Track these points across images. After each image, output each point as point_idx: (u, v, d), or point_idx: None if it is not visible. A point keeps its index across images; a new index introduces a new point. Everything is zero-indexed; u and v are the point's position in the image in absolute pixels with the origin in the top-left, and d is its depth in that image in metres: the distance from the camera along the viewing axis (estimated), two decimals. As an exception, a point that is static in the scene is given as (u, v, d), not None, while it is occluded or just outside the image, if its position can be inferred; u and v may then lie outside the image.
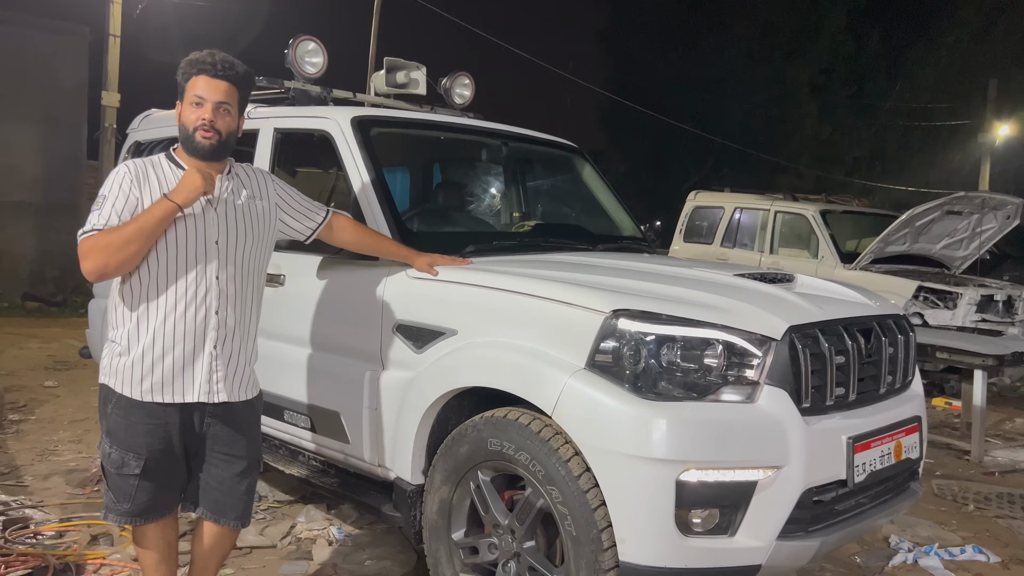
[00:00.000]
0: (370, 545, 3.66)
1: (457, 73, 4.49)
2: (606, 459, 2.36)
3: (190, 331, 2.42)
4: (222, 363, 2.48)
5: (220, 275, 2.46)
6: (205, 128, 2.42)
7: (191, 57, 2.46)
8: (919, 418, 2.97)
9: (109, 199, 2.36)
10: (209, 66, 2.43)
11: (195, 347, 2.44)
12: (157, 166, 2.48)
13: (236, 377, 2.52)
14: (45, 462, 4.72)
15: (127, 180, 2.39)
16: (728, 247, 10.41)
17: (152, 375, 2.41)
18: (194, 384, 2.44)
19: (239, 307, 2.52)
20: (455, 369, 2.78)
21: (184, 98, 2.47)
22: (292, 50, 3.85)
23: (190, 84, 2.44)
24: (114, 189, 2.38)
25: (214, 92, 2.43)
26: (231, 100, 2.46)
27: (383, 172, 3.33)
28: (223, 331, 2.47)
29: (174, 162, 2.50)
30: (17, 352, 8.17)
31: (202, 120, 2.42)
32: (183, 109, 2.47)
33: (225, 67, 2.44)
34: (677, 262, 3.83)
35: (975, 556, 3.91)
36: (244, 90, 2.52)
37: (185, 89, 2.46)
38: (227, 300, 2.48)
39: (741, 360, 2.44)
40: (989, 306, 8.30)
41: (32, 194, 13.39)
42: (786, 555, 2.42)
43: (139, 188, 2.39)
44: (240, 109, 2.52)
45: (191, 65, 2.45)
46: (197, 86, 2.43)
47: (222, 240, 2.47)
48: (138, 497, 2.46)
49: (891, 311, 3.06)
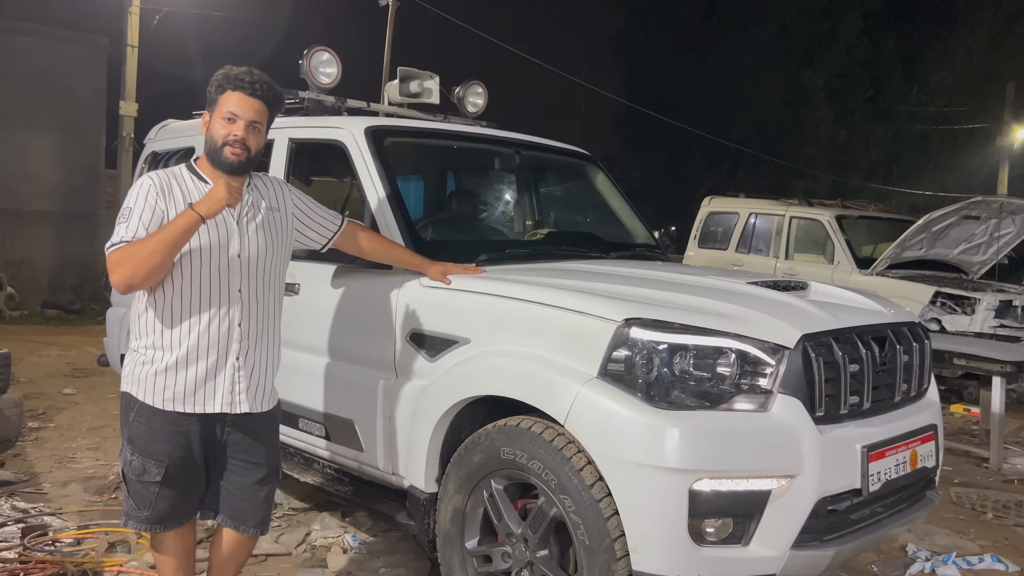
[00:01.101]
0: (384, 553, 3.67)
1: (470, 82, 4.50)
2: (619, 468, 2.35)
3: (213, 343, 2.45)
4: (244, 375, 2.51)
5: (243, 288, 2.49)
6: (236, 145, 2.44)
7: (229, 72, 2.47)
8: (935, 426, 2.95)
9: (136, 211, 2.38)
10: (248, 84, 2.45)
11: (218, 359, 2.46)
12: (180, 179, 2.50)
13: (258, 388, 2.55)
14: (63, 469, 4.76)
15: (152, 192, 2.41)
16: (743, 253, 10.37)
17: (175, 386, 2.44)
18: (216, 395, 2.47)
19: (261, 318, 2.54)
20: (468, 378, 2.79)
21: (215, 110, 2.48)
22: (307, 61, 3.88)
23: (224, 98, 2.46)
24: (140, 201, 2.39)
25: (248, 110, 2.45)
26: (263, 119, 2.50)
27: (397, 181, 3.35)
28: (246, 343, 2.50)
29: (196, 175, 2.52)
30: (37, 360, 8.25)
31: (234, 136, 2.44)
32: (213, 121, 2.48)
33: (263, 88, 2.47)
34: (690, 270, 3.82)
35: (994, 565, 3.87)
36: (275, 110, 2.56)
37: (217, 102, 2.47)
38: (249, 312, 2.51)
39: (754, 369, 2.43)
40: (1008, 311, 8.21)
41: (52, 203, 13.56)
42: (800, 564, 2.41)
43: (164, 200, 2.41)
44: (268, 128, 2.56)
45: (228, 80, 2.46)
46: (231, 102, 2.45)
47: (244, 253, 2.49)
48: (158, 504, 2.49)
49: (906, 318, 3.04)
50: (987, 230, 8.98)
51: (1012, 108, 20.75)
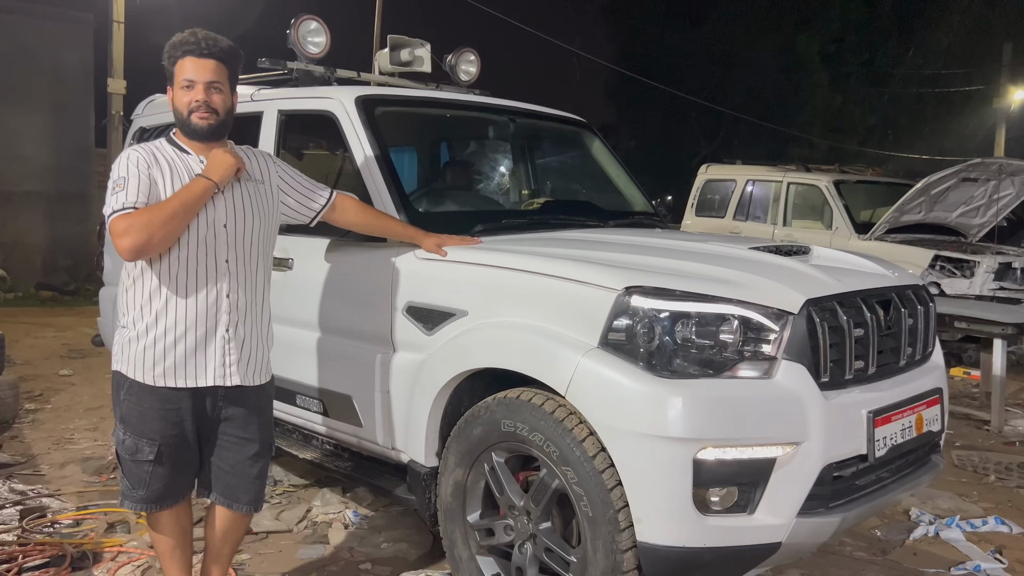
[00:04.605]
0: (386, 528, 3.65)
1: (462, 49, 4.42)
2: (621, 439, 2.32)
3: (202, 315, 2.42)
4: (235, 346, 2.48)
5: (230, 259, 2.46)
6: (201, 110, 2.41)
7: (174, 40, 2.44)
8: (940, 390, 2.91)
9: (131, 179, 2.35)
10: (193, 46, 2.41)
11: (207, 331, 2.44)
12: (161, 149, 2.47)
13: (250, 361, 2.53)
14: (61, 451, 4.73)
15: (142, 160, 2.39)
16: (741, 220, 10.32)
17: (165, 360, 2.41)
18: (207, 367, 2.45)
19: (250, 290, 2.52)
20: (466, 350, 2.75)
21: (175, 82, 2.45)
22: (294, 30, 3.79)
23: (178, 68, 2.43)
24: (132, 169, 2.37)
25: (203, 72, 2.41)
26: (221, 78, 2.44)
27: (389, 152, 3.28)
28: (235, 314, 2.48)
29: (176, 146, 2.49)
30: (32, 341, 8.21)
31: (196, 102, 2.41)
32: (175, 94, 2.46)
33: (209, 45, 2.42)
34: (690, 236, 3.77)
35: (997, 527, 3.86)
36: (232, 66, 2.49)
37: (174, 73, 2.44)
38: (237, 283, 2.48)
39: (758, 335, 2.39)
40: (1007, 274, 8.19)
41: (42, 184, 13.42)
42: (807, 532, 2.38)
43: (152, 169, 2.39)
44: (232, 85, 2.50)
45: (175, 48, 2.43)
46: (185, 69, 2.41)
47: (231, 223, 2.46)
48: (152, 483, 2.48)
49: (910, 281, 2.99)
50: (986, 192, 8.92)
51: (1008, 70, 20.57)
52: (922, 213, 8.91)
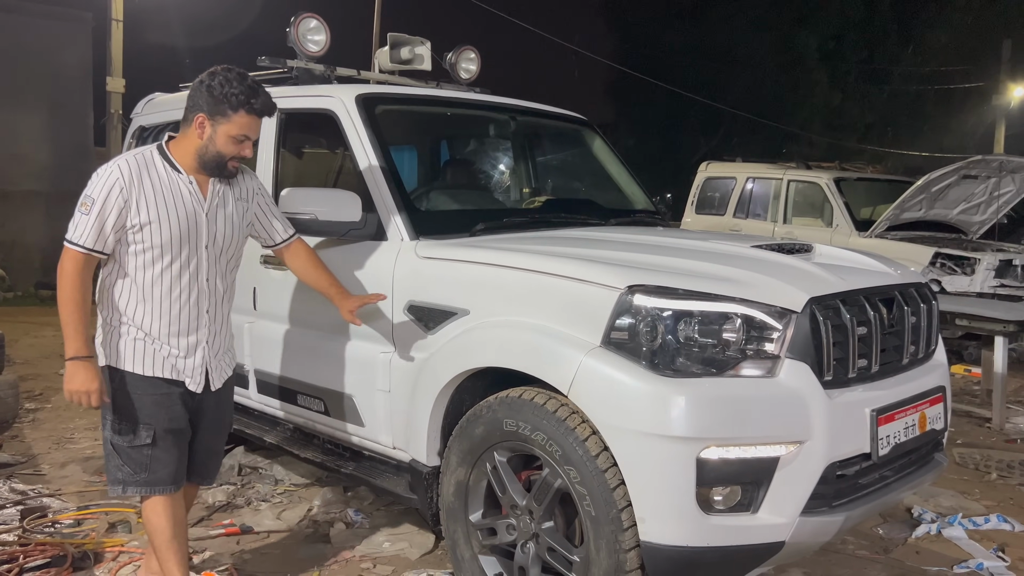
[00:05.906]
0: (388, 527, 3.64)
1: (462, 48, 4.41)
2: (624, 438, 2.31)
3: (184, 330, 2.60)
4: (212, 354, 2.68)
5: (209, 277, 2.62)
6: (237, 160, 2.57)
7: (239, 87, 2.48)
8: (943, 388, 2.91)
9: (96, 207, 2.43)
10: (263, 108, 2.52)
11: (189, 345, 2.60)
12: (152, 165, 2.53)
13: (223, 364, 2.74)
14: (62, 450, 4.72)
15: (118, 186, 2.45)
16: (741, 218, 10.31)
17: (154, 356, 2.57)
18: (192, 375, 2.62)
19: (223, 302, 2.71)
20: (468, 350, 2.74)
21: (224, 123, 2.49)
22: (294, 28, 3.78)
23: (236, 118, 2.49)
24: (104, 195, 2.44)
25: (256, 132, 2.57)
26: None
27: (390, 150, 3.27)
28: (213, 327, 2.67)
29: (169, 163, 2.55)
30: (32, 341, 8.20)
31: (241, 155, 2.56)
32: (220, 135, 2.51)
33: (269, 108, 2.55)
34: (692, 235, 3.76)
35: (1000, 525, 3.86)
36: None
37: (229, 116, 2.49)
38: (215, 300, 2.66)
39: (761, 334, 2.38)
40: (1008, 271, 8.18)
41: (41, 183, 13.39)
42: (810, 531, 2.38)
43: (132, 192, 2.46)
44: None
45: (241, 97, 2.48)
46: (244, 124, 2.51)
47: (211, 245, 2.61)
48: (153, 466, 2.59)
49: (913, 279, 2.98)
50: (986, 189, 8.91)
51: (1008, 66, 20.55)
52: (923, 210, 8.91)
